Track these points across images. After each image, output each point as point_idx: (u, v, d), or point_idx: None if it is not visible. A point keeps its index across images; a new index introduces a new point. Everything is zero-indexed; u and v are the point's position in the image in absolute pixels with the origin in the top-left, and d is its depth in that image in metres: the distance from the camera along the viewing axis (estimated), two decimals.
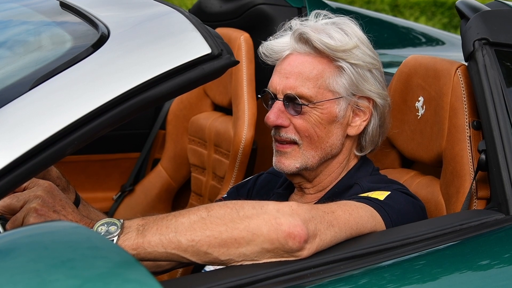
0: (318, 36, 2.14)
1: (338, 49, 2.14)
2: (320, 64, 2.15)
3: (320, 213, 1.82)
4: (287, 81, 2.15)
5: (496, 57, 2.20)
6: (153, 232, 1.71)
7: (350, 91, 2.16)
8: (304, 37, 2.15)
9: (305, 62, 2.16)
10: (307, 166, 2.17)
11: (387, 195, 2.07)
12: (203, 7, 3.49)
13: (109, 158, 3.60)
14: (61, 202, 1.79)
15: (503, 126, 2.12)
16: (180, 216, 1.73)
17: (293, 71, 2.15)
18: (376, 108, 2.21)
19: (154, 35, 1.78)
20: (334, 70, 2.15)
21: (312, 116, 2.14)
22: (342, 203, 1.94)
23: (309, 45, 2.16)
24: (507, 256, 1.98)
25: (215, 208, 1.75)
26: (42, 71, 1.72)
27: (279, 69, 2.18)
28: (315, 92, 2.14)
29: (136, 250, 1.71)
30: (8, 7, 2.30)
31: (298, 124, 2.15)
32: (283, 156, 2.17)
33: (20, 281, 1.31)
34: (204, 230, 1.71)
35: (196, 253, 1.72)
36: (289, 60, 2.17)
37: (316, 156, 2.17)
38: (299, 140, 2.15)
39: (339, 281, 1.78)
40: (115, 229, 1.72)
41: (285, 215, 1.74)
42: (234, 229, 1.72)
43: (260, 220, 1.73)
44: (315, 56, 2.16)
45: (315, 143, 2.16)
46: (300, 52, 2.17)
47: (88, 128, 1.62)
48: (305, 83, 2.14)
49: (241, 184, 2.45)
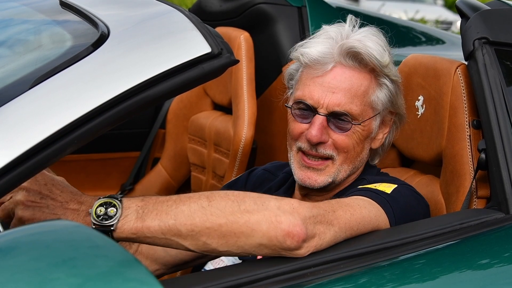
0: (368, 50, 2.08)
1: (384, 65, 2.10)
2: (366, 80, 2.11)
3: (321, 212, 1.81)
4: (334, 96, 2.07)
5: (496, 56, 2.20)
6: (153, 217, 1.70)
7: (386, 107, 2.15)
8: (352, 51, 2.08)
9: (353, 77, 2.09)
10: (336, 181, 2.14)
11: (394, 187, 2.04)
12: (203, 6, 3.49)
13: (109, 157, 3.60)
14: (47, 186, 1.76)
15: (503, 125, 2.12)
16: (180, 202, 1.72)
17: (341, 86, 2.08)
18: (398, 120, 2.22)
19: (154, 34, 1.78)
20: (377, 86, 2.12)
21: (356, 133, 2.10)
22: (345, 203, 1.91)
23: (356, 59, 2.09)
24: (507, 255, 1.98)
25: (216, 198, 1.74)
26: (42, 70, 1.72)
27: (322, 82, 2.09)
28: (361, 110, 2.10)
29: (136, 234, 1.70)
30: (8, 6, 2.30)
31: (340, 140, 2.09)
32: (315, 172, 2.12)
33: (21, 280, 1.31)
34: (204, 222, 1.70)
35: (195, 242, 1.72)
36: (335, 74, 2.09)
37: (348, 170, 2.14)
38: (336, 155, 2.10)
39: (339, 280, 1.78)
40: (114, 212, 1.70)
41: (286, 213, 1.74)
42: (234, 223, 1.71)
43: (261, 216, 1.72)
44: (361, 71, 2.10)
45: (350, 158, 2.12)
46: (345, 65, 2.10)
47: (88, 127, 1.62)
48: (354, 100, 2.08)
49: (232, 183, 2.42)
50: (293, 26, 3.27)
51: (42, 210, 1.74)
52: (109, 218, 1.70)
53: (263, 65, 3.26)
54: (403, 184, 2.13)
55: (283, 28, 3.27)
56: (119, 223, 1.70)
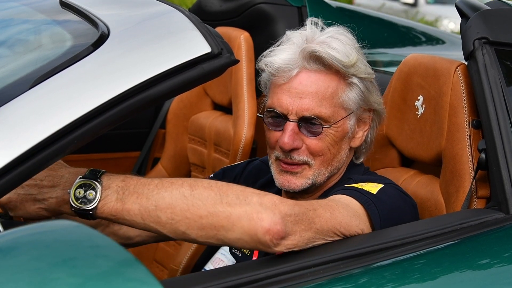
0: (329, 52, 2.06)
1: (349, 65, 2.08)
2: (333, 81, 2.09)
3: (303, 210, 1.80)
4: (302, 101, 2.06)
5: (496, 56, 2.20)
6: (133, 200, 1.70)
7: (359, 105, 2.13)
8: (314, 55, 2.07)
9: (318, 80, 2.08)
10: (316, 183, 2.13)
11: (380, 187, 2.03)
12: (203, 6, 3.49)
13: (109, 157, 3.60)
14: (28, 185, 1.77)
15: (503, 125, 2.12)
16: (162, 188, 1.71)
17: (307, 90, 2.07)
18: (376, 117, 2.20)
19: (154, 34, 1.78)
20: (346, 86, 2.10)
21: (328, 136, 2.09)
22: (325, 202, 1.91)
23: (320, 62, 2.08)
24: (507, 255, 1.98)
25: (199, 187, 1.73)
26: (42, 70, 1.72)
27: (289, 88, 2.08)
28: (332, 112, 2.08)
29: (115, 216, 1.70)
30: (8, 6, 2.30)
31: (313, 145, 2.09)
32: (294, 176, 2.11)
33: (22, 279, 1.31)
34: (185, 212, 1.70)
35: (173, 231, 1.72)
36: (300, 79, 2.08)
37: (326, 173, 2.13)
38: (311, 160, 2.09)
39: (339, 280, 1.78)
40: (93, 195, 1.70)
41: (267, 210, 1.73)
42: (215, 216, 1.71)
43: (242, 212, 1.72)
44: (326, 73, 2.09)
45: (327, 161, 2.11)
46: (309, 69, 2.08)
47: (88, 127, 1.62)
48: (322, 103, 2.07)
49: (229, 167, 2.41)
50: (293, 26, 3.24)
51: (17, 192, 1.75)
52: (88, 202, 1.70)
53: None
54: (390, 183, 2.12)
55: (283, 28, 3.25)
56: (99, 203, 1.69)
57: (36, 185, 1.77)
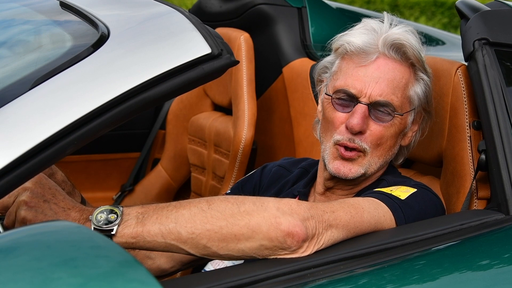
0: (412, 43, 2.09)
1: (424, 60, 2.12)
2: (406, 73, 2.11)
3: (319, 212, 1.81)
4: (378, 86, 2.07)
5: (496, 57, 2.20)
6: (153, 221, 1.71)
7: (420, 103, 2.15)
8: (397, 44, 2.09)
9: (395, 69, 2.10)
10: (367, 173, 2.12)
11: (412, 193, 2.03)
12: (203, 7, 3.49)
13: (109, 158, 3.60)
14: (51, 190, 1.77)
15: (503, 126, 2.12)
16: (180, 207, 1.73)
17: (384, 76, 2.08)
18: (424, 121, 2.21)
19: (154, 35, 1.78)
20: (415, 81, 2.13)
21: (393, 126, 2.10)
22: (349, 203, 1.91)
23: (399, 52, 2.10)
24: (507, 256, 1.98)
25: (216, 201, 1.75)
26: (42, 71, 1.72)
27: (365, 71, 2.09)
28: (401, 103, 2.10)
29: (136, 238, 1.71)
30: (8, 7, 2.30)
31: (377, 131, 2.08)
32: (349, 163, 2.09)
33: (23, 280, 1.31)
34: (205, 224, 1.71)
35: (195, 245, 1.72)
36: (378, 64, 2.09)
37: (378, 164, 2.12)
38: (369, 148, 2.09)
39: (339, 281, 1.78)
40: (115, 217, 1.71)
41: (285, 214, 1.74)
42: (234, 225, 1.72)
43: (260, 218, 1.73)
44: (402, 64, 2.11)
45: (381, 151, 2.11)
46: (388, 57, 2.10)
47: (88, 128, 1.62)
48: (395, 91, 2.09)
49: (245, 179, 2.41)
50: (293, 27, 3.28)
51: (45, 213, 1.74)
52: (109, 223, 1.71)
53: (263, 66, 3.27)
54: (424, 188, 2.10)
55: (283, 29, 3.28)
56: (119, 227, 1.70)
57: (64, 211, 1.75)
